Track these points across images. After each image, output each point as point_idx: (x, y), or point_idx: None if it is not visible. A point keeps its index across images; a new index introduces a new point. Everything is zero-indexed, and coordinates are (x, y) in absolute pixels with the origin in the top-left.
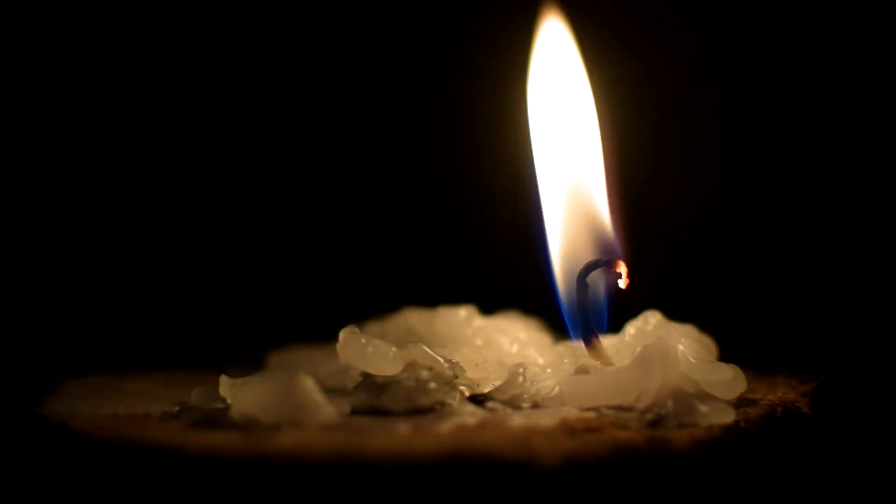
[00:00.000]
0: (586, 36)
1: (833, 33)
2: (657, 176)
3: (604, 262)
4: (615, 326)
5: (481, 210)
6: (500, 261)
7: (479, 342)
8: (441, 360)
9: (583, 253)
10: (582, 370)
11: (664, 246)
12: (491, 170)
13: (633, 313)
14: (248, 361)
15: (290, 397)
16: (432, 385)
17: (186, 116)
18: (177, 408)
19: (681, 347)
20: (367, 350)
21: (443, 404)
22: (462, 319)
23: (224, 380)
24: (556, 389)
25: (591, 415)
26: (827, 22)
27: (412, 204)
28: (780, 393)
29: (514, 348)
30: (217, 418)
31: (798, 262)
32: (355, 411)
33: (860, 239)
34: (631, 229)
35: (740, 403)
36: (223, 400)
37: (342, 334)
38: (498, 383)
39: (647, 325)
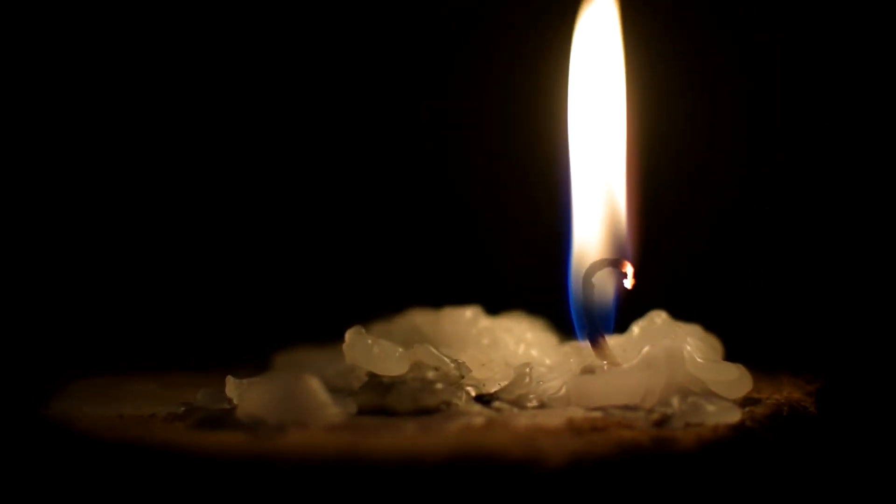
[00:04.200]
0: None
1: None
2: (664, 176)
3: (610, 262)
4: (621, 326)
5: (486, 210)
6: (505, 261)
7: (484, 342)
8: (447, 361)
9: (593, 252)
10: (588, 370)
11: (670, 246)
12: (497, 170)
13: (639, 313)
14: (254, 362)
15: (296, 398)
16: (438, 385)
17: (195, 117)
18: (182, 408)
19: (687, 347)
20: (373, 350)
21: (449, 404)
22: (468, 320)
23: (230, 380)
24: (562, 389)
25: (597, 415)
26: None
27: (418, 205)
28: (785, 392)
29: (520, 348)
30: (223, 419)
31: (804, 262)
32: (361, 411)
33: (866, 239)
34: (637, 229)
35: (746, 403)
36: (229, 400)
37: (348, 335)
38: (504, 383)
39: (653, 324)
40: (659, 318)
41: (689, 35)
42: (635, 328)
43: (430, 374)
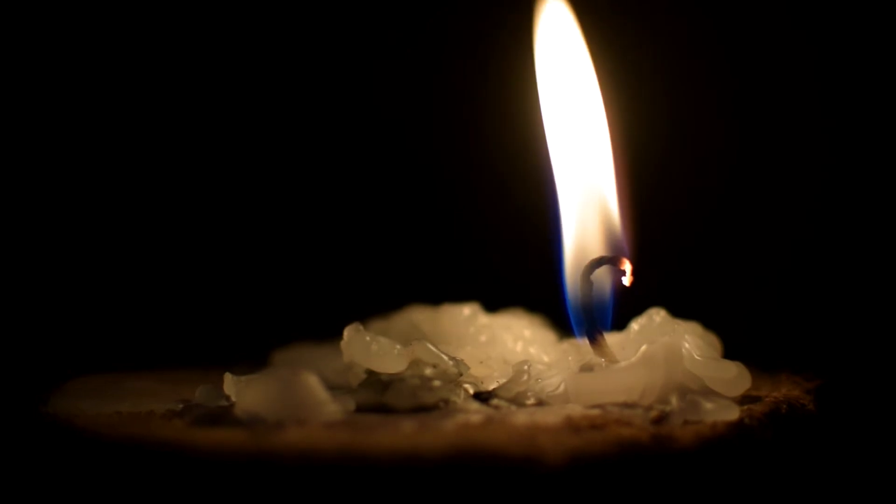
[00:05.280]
0: (592, 30)
1: (839, 32)
2: (662, 173)
3: (608, 260)
4: (620, 324)
5: (485, 208)
6: (504, 258)
7: (483, 340)
8: (445, 358)
9: (590, 249)
10: (586, 368)
11: (669, 243)
12: (495, 167)
13: (637, 310)
14: (253, 359)
15: (295, 395)
16: (436, 383)
17: (195, 118)
18: (181, 405)
19: (685, 345)
20: (372, 348)
21: (447, 402)
22: (466, 317)
23: (228, 377)
24: (561, 387)
25: (596, 412)
26: (832, 21)
27: (416, 202)
28: (784, 390)
29: (519, 346)
30: (221, 416)
31: (803, 260)
32: (359, 409)
33: (865, 237)
34: (635, 226)
35: (745, 401)
36: (227, 398)
37: (346, 332)
38: (502, 381)
39: (652, 322)
40: (658, 315)
41: (685, 28)
42: (634, 326)
43: (429, 372)
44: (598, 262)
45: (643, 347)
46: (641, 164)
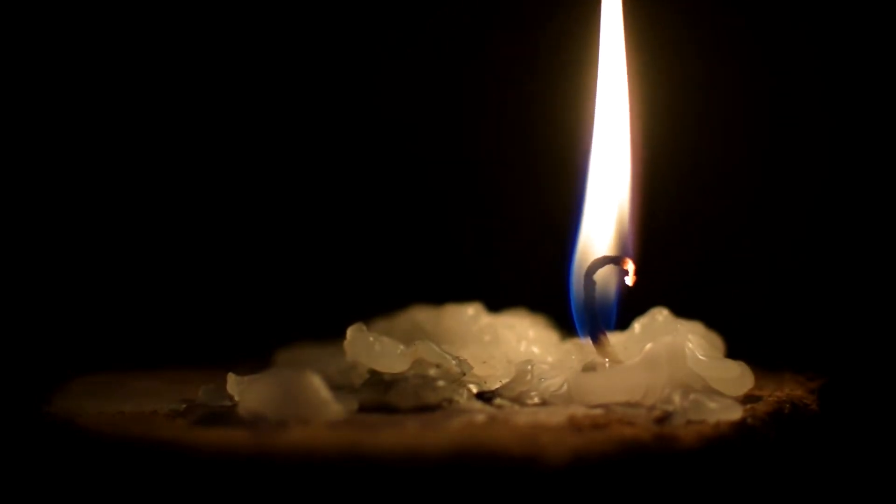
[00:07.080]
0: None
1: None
2: (663, 173)
3: (611, 259)
4: (623, 323)
5: (488, 208)
6: (506, 258)
7: (486, 339)
8: (448, 358)
9: (596, 249)
10: (589, 367)
11: (672, 243)
12: (498, 167)
13: (640, 310)
14: (256, 359)
15: (298, 395)
16: (440, 382)
17: (196, 117)
18: (184, 405)
19: (688, 344)
20: (375, 347)
21: (450, 401)
22: (469, 317)
23: (231, 377)
24: (564, 386)
25: (599, 412)
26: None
27: (420, 201)
28: (787, 390)
29: (522, 345)
30: (224, 416)
31: (806, 259)
32: (362, 408)
33: (868, 237)
34: (638, 226)
35: (747, 400)
36: (230, 397)
37: (350, 332)
38: (505, 380)
39: (655, 321)
40: (660, 315)
41: (697, 34)
42: (637, 325)
43: (432, 372)
44: (602, 262)
45: (646, 347)
46: (648, 164)
